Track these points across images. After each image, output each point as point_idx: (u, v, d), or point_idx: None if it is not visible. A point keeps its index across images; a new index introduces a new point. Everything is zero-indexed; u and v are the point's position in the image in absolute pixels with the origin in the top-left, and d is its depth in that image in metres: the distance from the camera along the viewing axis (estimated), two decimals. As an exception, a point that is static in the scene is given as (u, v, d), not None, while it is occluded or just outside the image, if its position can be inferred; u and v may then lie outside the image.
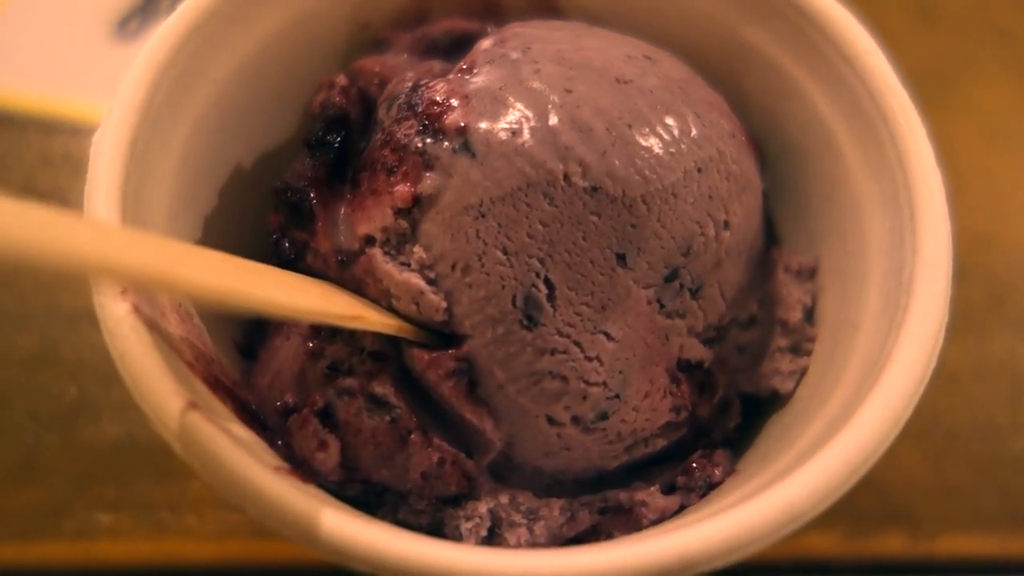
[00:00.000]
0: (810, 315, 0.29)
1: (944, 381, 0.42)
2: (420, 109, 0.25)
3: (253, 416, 0.25)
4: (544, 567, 0.20)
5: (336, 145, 0.27)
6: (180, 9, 0.27)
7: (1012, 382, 0.41)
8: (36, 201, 0.16)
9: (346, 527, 0.20)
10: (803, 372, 0.28)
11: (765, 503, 0.20)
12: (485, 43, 0.28)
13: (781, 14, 0.30)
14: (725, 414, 0.28)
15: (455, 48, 0.31)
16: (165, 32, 0.27)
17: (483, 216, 0.24)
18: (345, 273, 0.26)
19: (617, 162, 0.24)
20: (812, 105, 0.29)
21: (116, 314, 0.22)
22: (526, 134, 0.24)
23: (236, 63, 0.29)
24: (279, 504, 0.20)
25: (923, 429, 0.40)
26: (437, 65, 0.29)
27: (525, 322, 0.24)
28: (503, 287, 0.24)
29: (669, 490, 0.26)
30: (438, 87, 0.26)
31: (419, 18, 0.33)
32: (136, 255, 0.18)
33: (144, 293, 0.23)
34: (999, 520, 0.38)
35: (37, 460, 0.37)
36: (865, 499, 0.38)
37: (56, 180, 0.46)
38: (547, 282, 0.24)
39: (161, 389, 0.21)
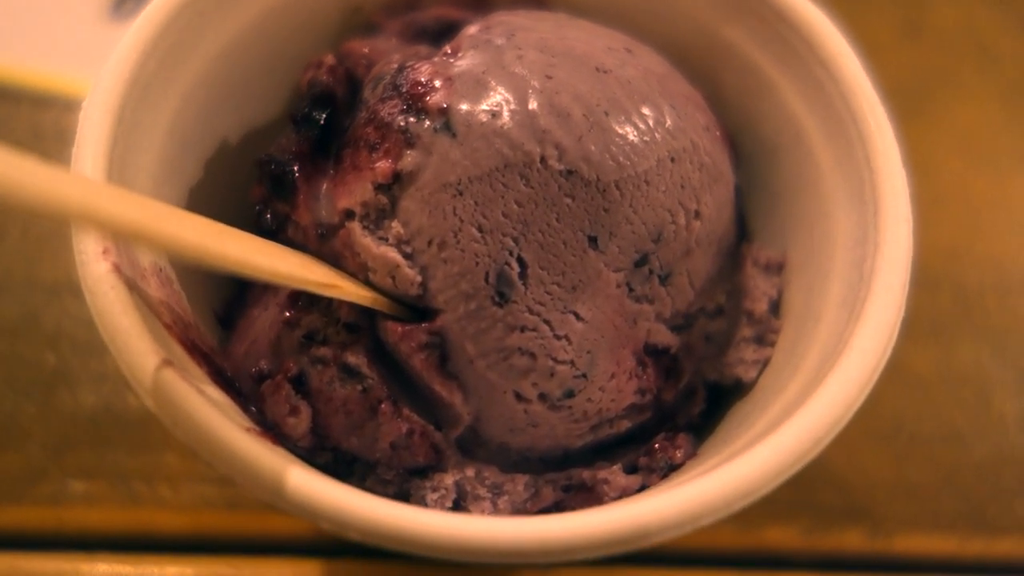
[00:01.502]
0: (776, 307, 0.29)
1: (911, 386, 0.43)
2: (404, 89, 0.26)
3: (227, 382, 0.26)
4: (505, 531, 0.21)
5: (321, 122, 0.28)
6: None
7: (977, 390, 0.42)
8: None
9: (313, 484, 0.21)
10: (766, 362, 0.28)
11: (719, 478, 0.21)
12: (471, 29, 0.28)
13: (759, 15, 0.31)
14: (690, 400, 0.29)
15: (443, 34, 0.32)
16: (157, 5, 0.27)
17: (460, 194, 0.25)
18: (324, 246, 0.27)
19: (593, 147, 0.25)
20: (786, 104, 0.30)
21: (96, 272, 0.23)
22: (506, 116, 0.25)
23: (227, 39, 0.30)
24: (249, 460, 0.21)
25: (888, 431, 0.41)
26: (424, 49, 0.30)
27: (497, 299, 0.25)
28: (477, 264, 0.25)
29: (631, 470, 0.27)
30: (423, 68, 0.26)
31: (410, 4, 0.34)
32: (120, 207, 0.18)
33: (125, 253, 0.24)
34: (957, 522, 0.38)
35: (14, 427, 0.38)
36: (827, 496, 0.39)
37: (47, 153, 0.46)
38: (520, 260, 0.25)
39: (138, 346, 0.22)
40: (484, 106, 0.25)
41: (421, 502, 0.26)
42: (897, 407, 0.41)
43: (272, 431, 0.25)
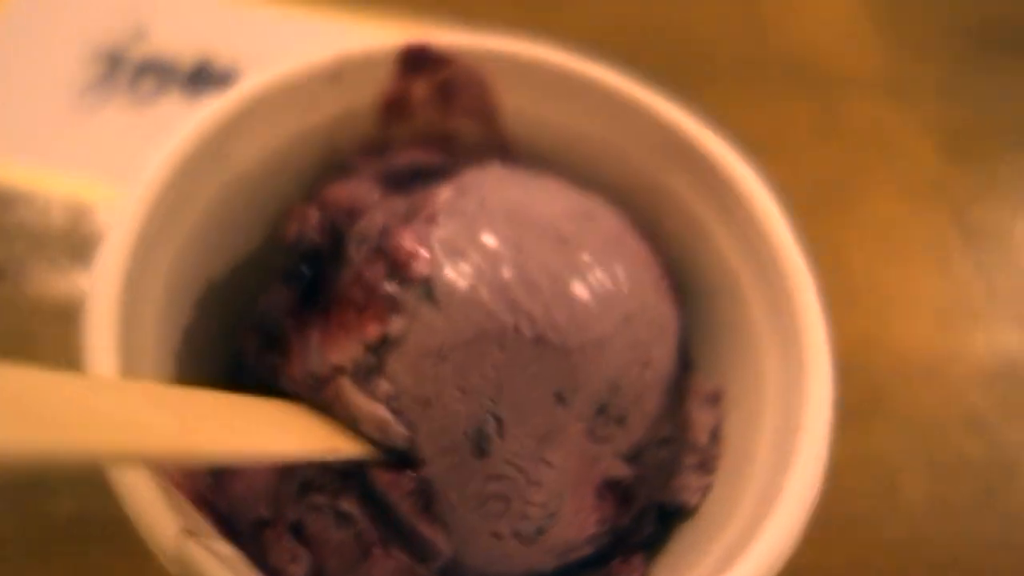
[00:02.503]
0: (715, 436, 0.33)
1: (825, 473, 0.47)
2: (389, 255, 0.29)
3: (228, 525, 0.28)
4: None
5: (309, 277, 0.31)
6: (166, 152, 0.30)
7: (886, 474, 0.47)
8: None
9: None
10: (707, 488, 0.32)
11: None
12: (444, 193, 0.31)
13: (696, 168, 0.34)
14: (641, 522, 0.32)
15: (415, 178, 0.35)
16: (159, 165, 0.30)
17: (443, 360, 0.28)
18: (316, 396, 0.29)
19: (558, 316, 0.28)
20: (720, 249, 0.34)
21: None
22: (483, 288, 0.28)
23: (216, 190, 0.32)
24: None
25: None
26: (401, 204, 0.33)
27: (476, 452, 0.28)
28: (458, 421, 0.28)
29: (593, 593, 0.31)
30: (405, 236, 0.29)
31: (383, 146, 0.37)
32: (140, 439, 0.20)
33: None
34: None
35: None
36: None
37: (12, 250, 0.47)
38: (496, 418, 0.28)
39: (159, 517, 0.24)
40: (462, 277, 0.28)
41: (406, 627, 0.29)
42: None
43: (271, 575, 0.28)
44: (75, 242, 0.48)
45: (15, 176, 0.49)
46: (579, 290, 0.29)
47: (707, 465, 0.33)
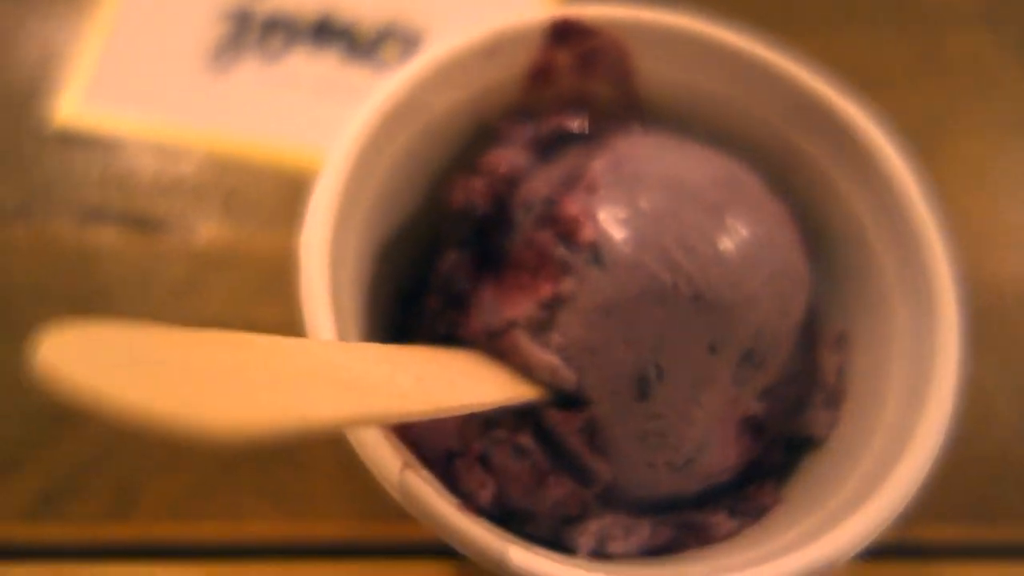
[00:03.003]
0: (842, 376, 0.37)
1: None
2: (558, 222, 0.33)
3: (421, 457, 0.33)
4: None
5: (480, 242, 0.34)
6: (348, 135, 0.34)
7: (981, 398, 0.50)
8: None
9: (527, 559, 0.28)
10: (835, 423, 0.36)
11: (814, 552, 0.28)
12: (599, 163, 0.34)
13: (827, 128, 0.37)
14: (772, 452, 0.36)
15: (560, 143, 0.38)
16: (341, 159, 0.33)
17: (609, 315, 0.32)
18: (490, 346, 0.33)
19: (713, 276, 0.32)
20: (849, 204, 0.37)
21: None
22: (644, 252, 0.32)
23: (390, 161, 0.36)
24: (474, 540, 0.28)
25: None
26: (556, 172, 0.36)
27: (638, 395, 0.32)
28: (622, 368, 0.32)
29: (731, 513, 0.35)
30: (570, 204, 0.33)
31: (523, 110, 0.40)
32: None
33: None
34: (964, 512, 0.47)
35: (185, 451, 0.45)
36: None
37: (170, 203, 0.52)
38: (656, 367, 0.32)
39: (384, 455, 0.29)
40: (626, 242, 0.32)
41: (571, 543, 0.34)
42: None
43: (466, 498, 0.32)
44: (224, 194, 0.52)
45: (166, 134, 0.53)
46: (730, 252, 0.32)
47: (834, 401, 0.36)
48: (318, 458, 0.45)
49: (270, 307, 0.49)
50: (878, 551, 0.47)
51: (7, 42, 0.56)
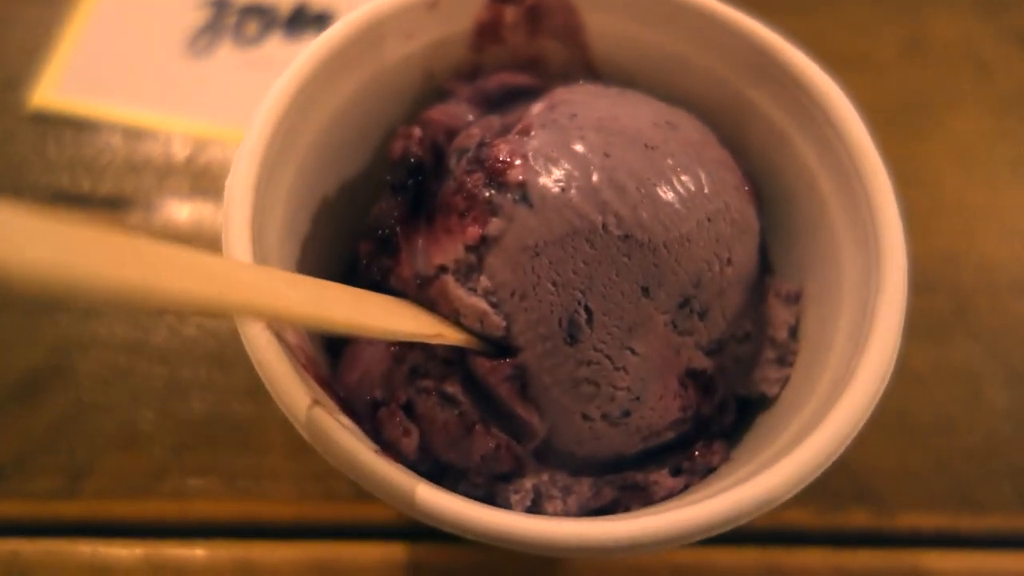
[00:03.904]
0: (794, 333, 0.35)
1: (910, 382, 0.49)
2: (487, 164, 0.32)
3: (348, 407, 0.32)
4: (583, 533, 0.27)
5: (414, 188, 0.34)
6: (286, 75, 0.33)
7: (969, 384, 0.48)
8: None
9: (435, 498, 0.27)
10: (786, 380, 0.34)
11: (751, 488, 0.27)
12: (536, 108, 0.34)
13: (779, 80, 0.36)
14: (722, 412, 0.35)
15: (507, 99, 0.37)
16: (276, 94, 0.33)
17: (537, 255, 0.30)
18: (422, 294, 0.32)
19: (644, 215, 0.30)
20: (801, 157, 0.36)
21: (254, 330, 0.28)
22: (573, 190, 0.30)
23: (330, 112, 0.35)
24: (385, 480, 0.27)
25: (889, 424, 0.46)
26: (496, 121, 0.35)
27: (568, 339, 0.31)
28: (551, 311, 0.31)
29: (676, 472, 0.33)
30: (501, 147, 0.32)
31: (475, 70, 0.39)
32: (265, 296, 0.23)
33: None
34: (949, 500, 0.44)
35: (138, 432, 0.44)
36: (837, 481, 0.45)
37: (140, 183, 0.52)
38: (586, 309, 0.31)
39: (292, 390, 0.28)
40: (555, 180, 0.31)
41: (506, 502, 0.32)
42: (898, 401, 0.47)
43: (388, 449, 0.31)
44: (195, 173, 0.52)
45: (138, 116, 0.53)
46: (664, 191, 0.31)
47: (786, 359, 0.35)
48: (270, 441, 0.44)
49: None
50: (864, 540, 0.45)
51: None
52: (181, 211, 0.51)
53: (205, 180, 0.52)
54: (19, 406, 0.44)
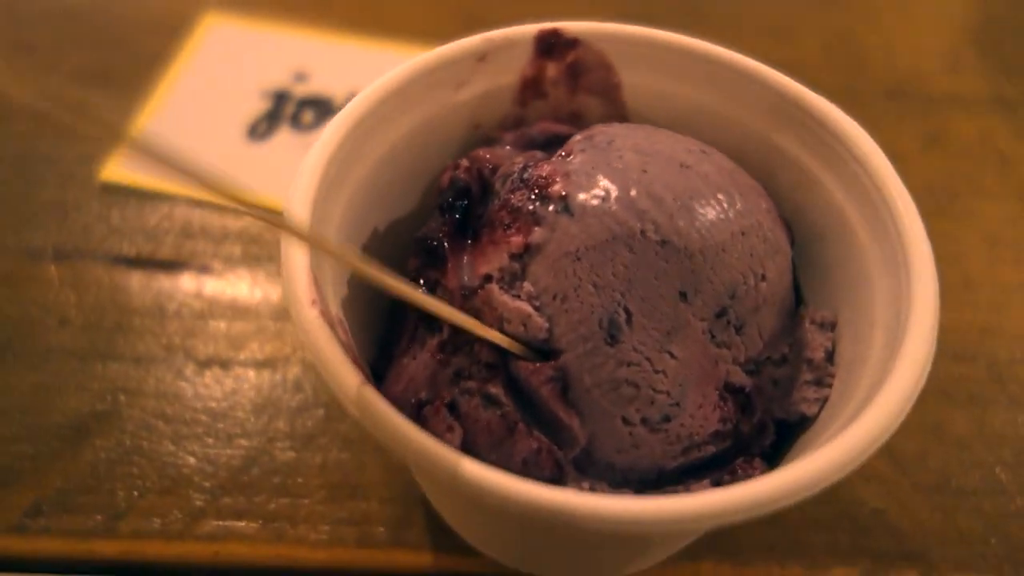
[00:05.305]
0: (830, 357, 0.36)
1: (954, 446, 0.48)
2: (531, 182, 0.34)
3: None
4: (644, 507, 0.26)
5: (462, 209, 0.36)
6: (344, 113, 0.36)
7: (1013, 448, 0.47)
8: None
9: (480, 471, 0.27)
10: (825, 400, 0.34)
11: (777, 479, 0.27)
12: (578, 136, 0.36)
13: (804, 124, 0.38)
14: (762, 433, 0.35)
15: (549, 145, 0.40)
16: (333, 129, 0.35)
17: (578, 259, 0.32)
18: (467, 304, 0.34)
19: (681, 223, 0.32)
20: (830, 195, 0.37)
21: (309, 316, 0.30)
22: (613, 200, 0.32)
23: (381, 152, 0.38)
24: (430, 452, 0.27)
25: (936, 486, 0.46)
26: (539, 153, 0.37)
27: (608, 339, 0.32)
28: (592, 312, 0.32)
29: (717, 485, 0.33)
30: (544, 167, 0.34)
31: (519, 122, 0.42)
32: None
33: (324, 304, 0.31)
34: (1001, 564, 0.43)
35: (178, 476, 0.44)
36: (884, 541, 0.43)
37: (195, 248, 0.54)
38: (626, 310, 0.32)
39: (343, 370, 0.29)
40: (595, 193, 0.33)
41: (546, 510, 0.32)
42: (942, 464, 0.46)
43: (431, 445, 0.31)
44: (247, 240, 0.55)
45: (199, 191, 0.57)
46: (699, 204, 0.33)
47: (824, 380, 0.35)
48: (308, 485, 0.44)
49: (272, 343, 0.50)
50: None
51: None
52: (231, 273, 0.53)
53: (256, 246, 0.54)
54: (65, 447, 0.45)
